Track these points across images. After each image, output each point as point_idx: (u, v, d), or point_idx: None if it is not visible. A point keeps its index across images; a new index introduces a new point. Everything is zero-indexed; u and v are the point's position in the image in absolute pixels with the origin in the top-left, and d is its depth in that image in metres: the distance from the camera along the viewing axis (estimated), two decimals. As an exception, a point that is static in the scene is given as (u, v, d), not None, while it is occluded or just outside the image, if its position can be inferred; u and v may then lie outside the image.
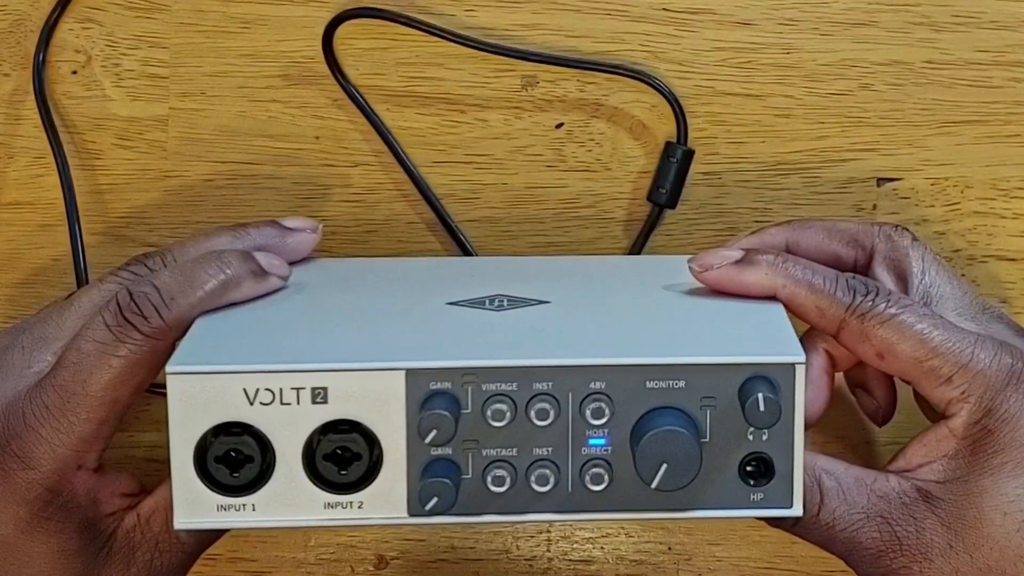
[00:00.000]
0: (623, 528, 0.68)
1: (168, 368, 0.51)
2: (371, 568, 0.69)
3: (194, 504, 0.52)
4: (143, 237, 0.67)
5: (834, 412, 0.64)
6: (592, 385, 0.52)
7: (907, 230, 0.61)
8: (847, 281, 0.57)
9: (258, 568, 0.68)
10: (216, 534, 0.58)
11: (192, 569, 0.59)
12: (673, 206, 0.67)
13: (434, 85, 0.67)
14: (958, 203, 0.67)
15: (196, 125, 0.67)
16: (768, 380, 0.52)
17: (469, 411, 0.52)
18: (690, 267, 0.58)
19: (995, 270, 0.67)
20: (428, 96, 0.67)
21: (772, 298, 0.57)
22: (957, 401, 0.56)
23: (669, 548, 0.69)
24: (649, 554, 0.69)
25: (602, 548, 0.69)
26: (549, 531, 0.69)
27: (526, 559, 0.69)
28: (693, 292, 0.59)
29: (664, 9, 0.67)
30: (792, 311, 0.57)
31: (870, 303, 0.56)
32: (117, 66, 0.67)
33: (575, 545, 0.69)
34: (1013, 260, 0.67)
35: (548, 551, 0.69)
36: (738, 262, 0.57)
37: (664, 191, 0.67)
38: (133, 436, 0.68)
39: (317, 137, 0.68)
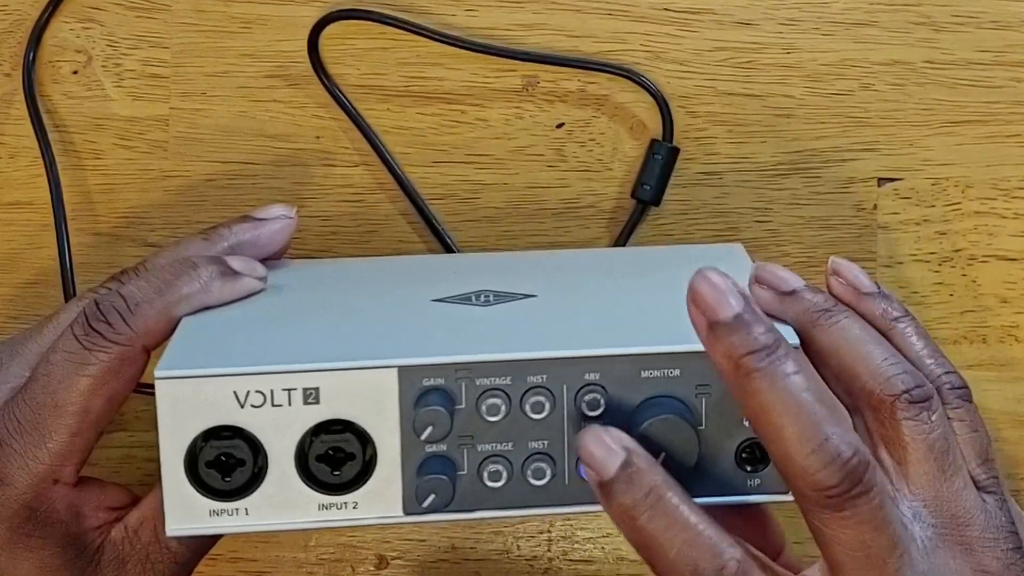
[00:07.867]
0: (624, 528, 0.68)
1: (157, 372, 0.51)
2: (372, 568, 0.69)
3: (186, 510, 0.51)
4: (144, 237, 0.68)
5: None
6: (587, 376, 0.52)
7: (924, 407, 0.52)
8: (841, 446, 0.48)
9: (258, 568, 0.68)
10: (208, 544, 0.58)
11: (191, 568, 0.59)
12: (657, 203, 0.67)
13: (434, 85, 0.67)
14: (959, 203, 0.67)
15: (196, 125, 0.67)
16: None
17: (463, 407, 0.52)
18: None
19: (995, 270, 0.67)
20: (428, 96, 0.67)
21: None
22: None
23: (670, 548, 0.68)
24: (650, 554, 0.69)
25: (603, 548, 0.68)
26: (550, 531, 0.68)
27: (527, 559, 0.69)
28: (680, 281, 0.58)
29: (665, 9, 0.67)
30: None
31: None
32: (118, 66, 0.67)
33: (576, 545, 0.69)
34: (1013, 260, 0.67)
35: (549, 551, 0.69)
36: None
37: (648, 187, 0.67)
38: (134, 436, 0.68)
39: (317, 137, 0.68)
